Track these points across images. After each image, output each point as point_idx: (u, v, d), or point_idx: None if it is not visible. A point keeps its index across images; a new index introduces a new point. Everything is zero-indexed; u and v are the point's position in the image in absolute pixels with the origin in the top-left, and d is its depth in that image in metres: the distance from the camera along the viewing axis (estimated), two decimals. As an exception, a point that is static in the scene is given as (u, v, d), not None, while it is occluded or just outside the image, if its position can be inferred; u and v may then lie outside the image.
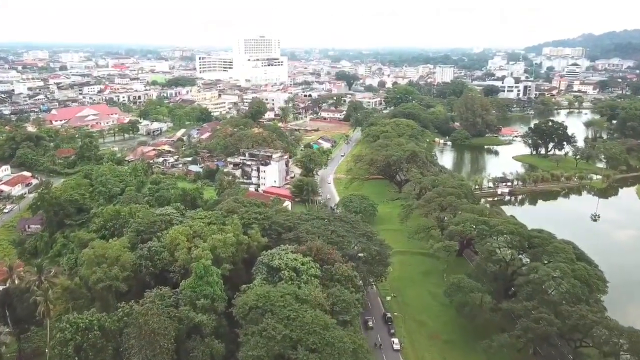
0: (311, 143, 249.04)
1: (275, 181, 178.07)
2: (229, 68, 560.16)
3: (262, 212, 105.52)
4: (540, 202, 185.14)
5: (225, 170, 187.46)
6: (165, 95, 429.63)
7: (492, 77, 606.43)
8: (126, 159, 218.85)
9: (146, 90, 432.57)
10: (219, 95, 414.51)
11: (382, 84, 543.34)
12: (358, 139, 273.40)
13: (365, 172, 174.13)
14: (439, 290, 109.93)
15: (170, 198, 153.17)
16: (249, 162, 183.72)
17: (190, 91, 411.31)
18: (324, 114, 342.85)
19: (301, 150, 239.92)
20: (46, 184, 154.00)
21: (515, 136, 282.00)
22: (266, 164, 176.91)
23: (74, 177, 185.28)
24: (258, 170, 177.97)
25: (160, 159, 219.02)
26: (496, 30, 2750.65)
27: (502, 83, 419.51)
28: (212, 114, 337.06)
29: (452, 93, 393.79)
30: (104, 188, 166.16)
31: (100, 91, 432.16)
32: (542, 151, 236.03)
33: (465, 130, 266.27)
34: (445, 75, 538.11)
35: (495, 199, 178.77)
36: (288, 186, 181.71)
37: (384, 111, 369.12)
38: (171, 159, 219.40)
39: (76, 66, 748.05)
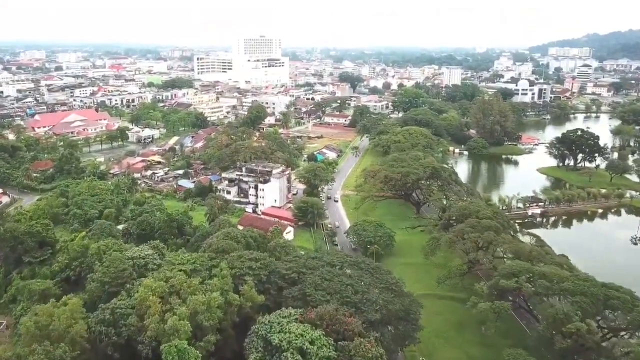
0: (315, 153, 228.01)
1: (275, 200, 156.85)
2: (228, 69, 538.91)
3: (259, 259, 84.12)
4: (575, 223, 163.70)
5: (220, 186, 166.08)
6: (160, 98, 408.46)
7: (501, 79, 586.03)
8: (111, 171, 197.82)
9: (140, 92, 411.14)
10: (217, 98, 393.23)
11: (387, 86, 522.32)
12: (365, 148, 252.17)
13: (379, 191, 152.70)
14: (478, 351, 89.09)
15: (154, 224, 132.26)
16: (246, 179, 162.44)
17: (187, 94, 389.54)
18: (327, 119, 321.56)
19: (304, 160, 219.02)
20: (0, 213, 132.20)
21: (536, 144, 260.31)
22: (265, 182, 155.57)
23: (49, 194, 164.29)
24: (256, 188, 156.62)
25: (149, 172, 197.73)
26: (497, 30, 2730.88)
27: (516, 86, 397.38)
28: (208, 119, 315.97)
29: (463, 96, 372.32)
30: (80, 210, 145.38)
31: (92, 93, 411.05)
32: (569, 162, 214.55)
33: (482, 139, 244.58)
34: (452, 76, 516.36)
35: (526, 220, 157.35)
36: (290, 206, 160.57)
37: (391, 115, 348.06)
38: (160, 172, 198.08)
39: (72, 66, 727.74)
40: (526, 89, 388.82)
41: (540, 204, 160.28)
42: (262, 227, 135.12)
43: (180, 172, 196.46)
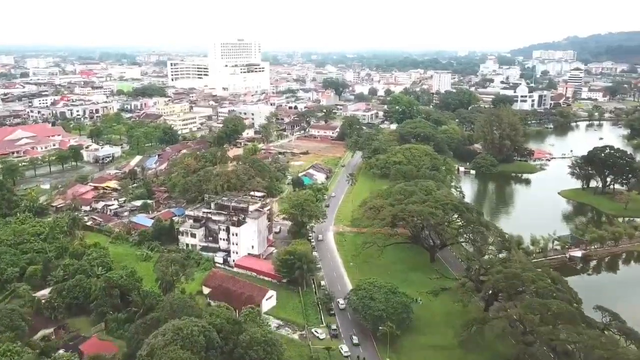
0: (301, 174, 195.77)
1: (252, 247, 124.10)
2: (205, 75, 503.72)
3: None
4: (622, 267, 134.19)
5: (183, 227, 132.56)
6: (129, 107, 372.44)
7: (491, 83, 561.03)
8: (53, 204, 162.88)
9: (106, 102, 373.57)
10: (191, 108, 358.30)
11: (373, 92, 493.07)
12: (358, 166, 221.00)
13: (383, 231, 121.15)
14: None
15: (90, 291, 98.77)
16: (215, 218, 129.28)
17: (157, 103, 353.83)
18: (313, 132, 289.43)
19: (288, 184, 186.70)
20: None
21: (548, 159, 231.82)
22: (239, 223, 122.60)
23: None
24: (228, 231, 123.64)
25: (100, 204, 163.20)
26: (478, 33, 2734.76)
27: (514, 92, 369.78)
28: (179, 132, 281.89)
29: (458, 104, 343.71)
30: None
31: (53, 103, 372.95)
32: (591, 183, 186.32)
33: (489, 155, 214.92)
34: (442, 81, 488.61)
35: (559, 263, 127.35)
36: (272, 250, 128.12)
37: (382, 125, 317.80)
38: (115, 204, 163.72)
39: (40, 72, 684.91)
40: (525, 96, 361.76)
41: (581, 245, 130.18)
42: (235, 292, 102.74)
43: (139, 203, 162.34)
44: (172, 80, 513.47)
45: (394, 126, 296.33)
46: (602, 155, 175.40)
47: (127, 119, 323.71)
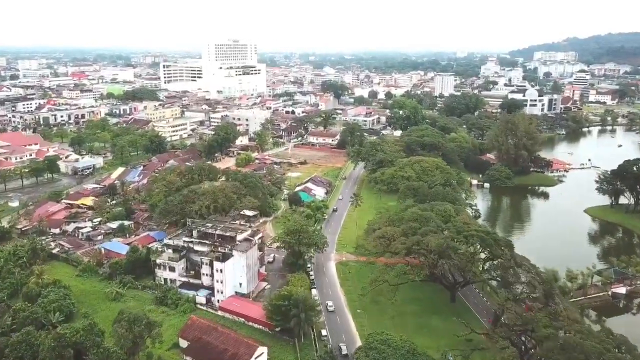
0: (298, 188, 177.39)
1: (240, 285, 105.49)
2: (199, 77, 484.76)
3: None
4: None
5: (161, 260, 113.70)
6: (117, 112, 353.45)
7: (495, 86, 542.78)
8: (18, 226, 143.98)
9: (93, 106, 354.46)
10: (182, 113, 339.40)
11: (373, 95, 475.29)
12: (360, 177, 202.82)
13: (396, 273, 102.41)
14: None
15: (38, 348, 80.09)
16: (198, 248, 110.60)
17: (146, 108, 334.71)
18: (311, 139, 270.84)
19: (283, 199, 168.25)
20: None
21: (566, 170, 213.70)
22: (225, 257, 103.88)
23: None
24: (212, 265, 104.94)
25: (71, 226, 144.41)
26: (477, 33, 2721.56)
27: (524, 96, 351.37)
28: (168, 139, 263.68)
29: (465, 109, 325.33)
30: None
31: (38, 108, 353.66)
32: (620, 199, 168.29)
33: (504, 166, 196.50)
34: (445, 84, 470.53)
35: (601, 302, 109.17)
36: (265, 286, 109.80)
37: (385, 131, 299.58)
38: (88, 226, 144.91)
39: (30, 74, 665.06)
40: (535, 100, 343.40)
41: (625, 280, 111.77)
42: (217, 347, 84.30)
43: (115, 225, 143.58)
44: (165, 82, 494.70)
45: (397, 133, 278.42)
46: (635, 169, 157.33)
47: (113, 124, 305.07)
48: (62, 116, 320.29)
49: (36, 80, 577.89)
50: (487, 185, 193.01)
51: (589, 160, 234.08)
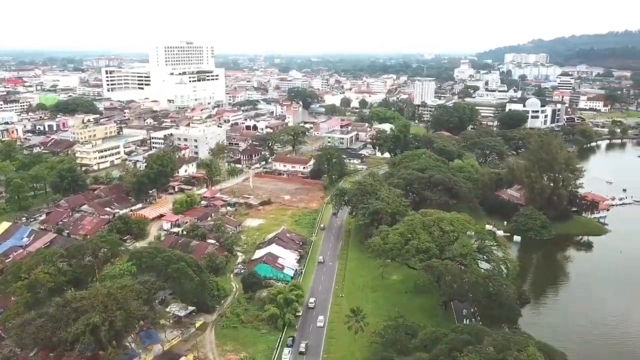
0: (258, 256, 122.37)
1: None
2: (146, 85, 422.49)
3: None
4: None
5: None
6: (41, 128, 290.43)
7: (476, 92, 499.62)
8: None
9: (8, 123, 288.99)
10: (119, 130, 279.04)
11: (346, 103, 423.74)
12: (344, 227, 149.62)
13: None
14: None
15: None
16: None
17: (73, 126, 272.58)
18: (278, 165, 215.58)
19: (236, 272, 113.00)
20: None
21: (607, 209, 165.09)
22: None
23: None
24: None
25: None
26: (442, 35, 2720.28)
27: (524, 106, 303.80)
28: (94, 168, 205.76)
29: (458, 123, 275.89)
30: None
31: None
32: None
33: (535, 209, 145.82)
34: (425, 90, 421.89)
35: None
36: None
37: (366, 150, 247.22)
38: None
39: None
40: (537, 111, 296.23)
41: None
42: None
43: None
44: (109, 91, 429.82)
45: (380, 153, 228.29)
46: None
47: (28, 148, 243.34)
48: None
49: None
50: (517, 238, 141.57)
51: (624, 190, 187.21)
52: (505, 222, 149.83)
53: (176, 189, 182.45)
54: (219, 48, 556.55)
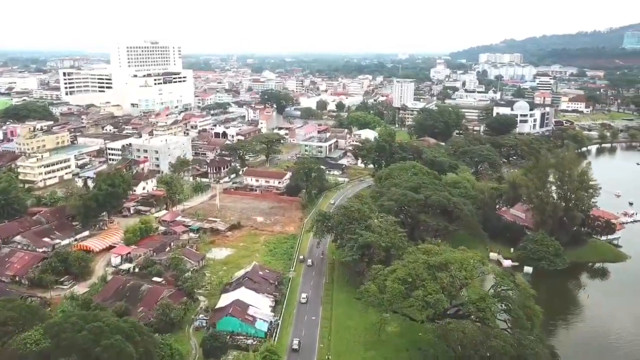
0: (223, 304, 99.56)
1: None
2: (108, 87, 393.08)
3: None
4: None
5: None
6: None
7: (455, 92, 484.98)
8: None
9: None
10: (74, 140, 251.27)
11: (322, 106, 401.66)
12: (325, 259, 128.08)
13: None
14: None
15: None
16: None
17: (19, 135, 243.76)
18: (249, 180, 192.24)
19: (197, 327, 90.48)
20: None
21: (623, 222, 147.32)
22: None
23: None
24: None
25: None
26: (414, 35, 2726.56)
27: (511, 110, 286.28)
28: (38, 184, 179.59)
29: (443, 127, 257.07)
30: None
31: None
32: None
33: (548, 233, 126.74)
34: (405, 92, 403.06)
35: None
36: None
37: (345, 160, 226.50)
38: None
39: None
40: (526, 115, 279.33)
41: None
42: None
43: None
44: (67, 94, 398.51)
45: (364, 165, 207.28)
46: None
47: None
48: None
49: None
50: (527, 268, 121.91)
51: (630, 204, 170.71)
52: (511, 249, 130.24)
53: (132, 211, 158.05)
54: (190, 48, 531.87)
